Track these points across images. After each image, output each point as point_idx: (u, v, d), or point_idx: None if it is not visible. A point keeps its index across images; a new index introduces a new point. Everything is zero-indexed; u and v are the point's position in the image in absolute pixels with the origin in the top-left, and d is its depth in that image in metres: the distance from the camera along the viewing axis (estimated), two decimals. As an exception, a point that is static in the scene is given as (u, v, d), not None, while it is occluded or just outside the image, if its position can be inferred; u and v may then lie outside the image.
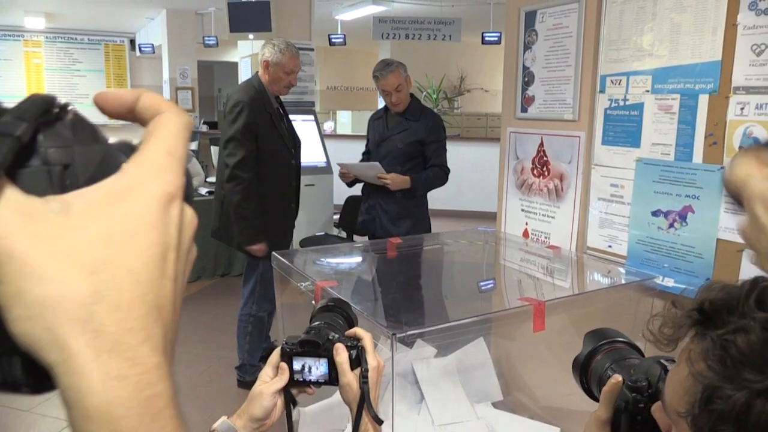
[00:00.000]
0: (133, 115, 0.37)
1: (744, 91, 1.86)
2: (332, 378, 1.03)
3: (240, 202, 3.20)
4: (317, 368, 1.03)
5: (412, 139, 3.46)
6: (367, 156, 3.73)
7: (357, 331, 1.08)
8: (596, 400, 0.93)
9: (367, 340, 1.06)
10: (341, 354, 1.02)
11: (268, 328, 3.73)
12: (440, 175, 3.51)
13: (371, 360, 1.04)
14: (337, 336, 1.05)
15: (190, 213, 0.35)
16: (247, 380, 3.61)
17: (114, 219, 0.31)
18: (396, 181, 3.38)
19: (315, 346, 1.02)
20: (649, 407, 0.80)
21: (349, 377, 1.02)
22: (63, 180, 0.31)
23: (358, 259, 3.01)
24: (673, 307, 0.70)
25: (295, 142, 3.52)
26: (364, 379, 1.02)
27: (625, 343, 0.99)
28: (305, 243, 4.93)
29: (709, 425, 0.60)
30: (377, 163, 3.42)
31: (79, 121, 0.33)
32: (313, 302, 1.93)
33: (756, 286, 0.63)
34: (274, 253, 2.32)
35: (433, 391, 2.25)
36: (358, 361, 1.03)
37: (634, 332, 1.07)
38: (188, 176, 0.36)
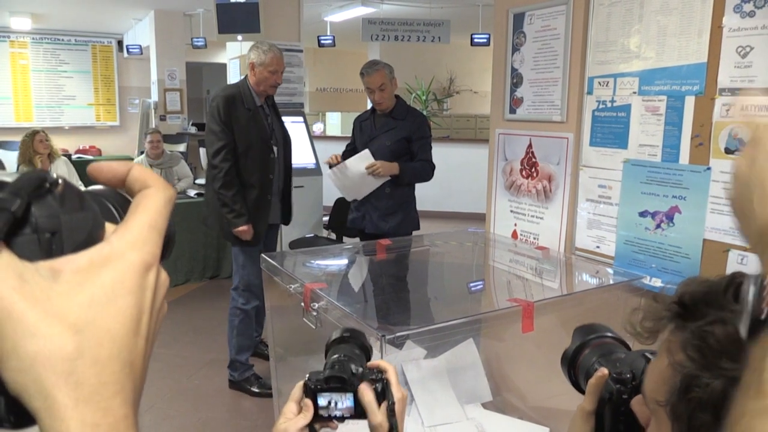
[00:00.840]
0: (124, 185, 0.42)
1: (729, 92, 1.88)
2: (358, 412, 1.03)
3: (220, 188, 3.40)
4: (343, 403, 1.03)
5: (399, 137, 3.58)
6: (350, 155, 3.76)
7: (381, 363, 1.08)
8: (583, 393, 0.95)
9: (391, 372, 1.06)
10: (368, 395, 1.02)
11: (260, 325, 3.76)
12: (427, 168, 3.63)
13: (396, 392, 1.04)
14: (360, 370, 1.05)
15: (164, 276, 0.40)
16: (236, 379, 3.67)
17: (96, 285, 0.35)
18: (385, 166, 3.48)
19: (341, 381, 1.02)
20: (632, 398, 0.81)
21: (380, 418, 1.02)
22: (50, 245, 0.36)
23: (348, 260, 3.01)
24: (654, 301, 0.72)
25: (285, 141, 3.68)
26: (391, 413, 1.02)
27: (614, 338, 1.00)
28: (294, 245, 4.92)
29: (687, 413, 0.62)
30: (366, 151, 3.51)
31: (68, 192, 0.38)
32: (302, 304, 1.93)
33: (734, 281, 0.66)
34: (263, 255, 2.31)
35: (422, 393, 2.26)
36: (383, 394, 1.03)
37: (622, 332, 1.08)
38: (171, 236, 0.41)
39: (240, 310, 3.60)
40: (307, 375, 1.04)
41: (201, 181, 7.57)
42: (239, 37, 6.32)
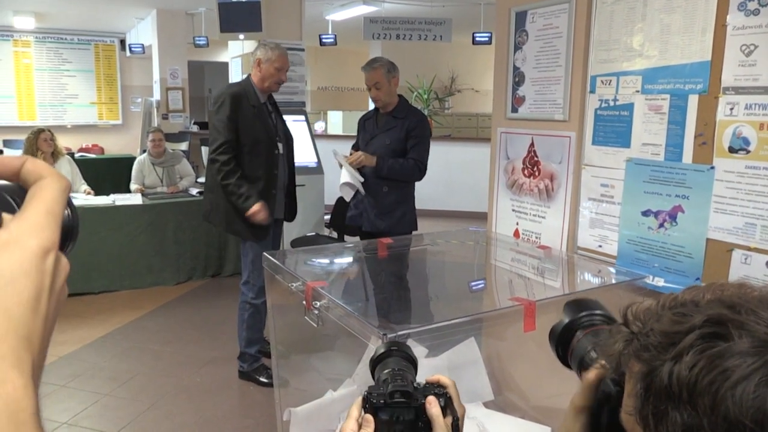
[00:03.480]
0: (18, 178, 0.44)
1: (733, 91, 1.86)
2: (419, 427, 1.01)
3: (223, 179, 3.46)
4: (404, 417, 1.00)
5: (399, 135, 3.61)
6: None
7: (441, 378, 1.06)
8: (571, 368, 0.96)
9: (452, 388, 1.04)
10: (435, 407, 0.99)
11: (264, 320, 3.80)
12: (413, 167, 3.61)
13: (458, 408, 1.02)
14: (421, 384, 1.03)
15: (64, 261, 0.43)
16: (246, 370, 3.75)
17: None
18: (364, 157, 3.53)
19: (406, 395, 0.99)
20: None
21: None
22: None
23: (349, 259, 3.00)
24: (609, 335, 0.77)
25: (286, 138, 3.74)
26: (455, 428, 1.00)
27: (605, 317, 1.00)
28: (296, 243, 4.91)
29: (651, 410, 0.65)
30: (339, 154, 3.63)
31: None
32: (304, 303, 1.91)
33: (672, 297, 0.71)
34: (264, 253, 2.30)
35: (424, 392, 2.24)
36: (446, 409, 1.01)
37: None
38: (74, 224, 0.45)
39: (249, 304, 3.66)
40: (366, 391, 1.01)
41: (203, 179, 7.55)
42: (241, 36, 6.31)
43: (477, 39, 8.04)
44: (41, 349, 0.40)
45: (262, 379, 3.68)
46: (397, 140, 3.58)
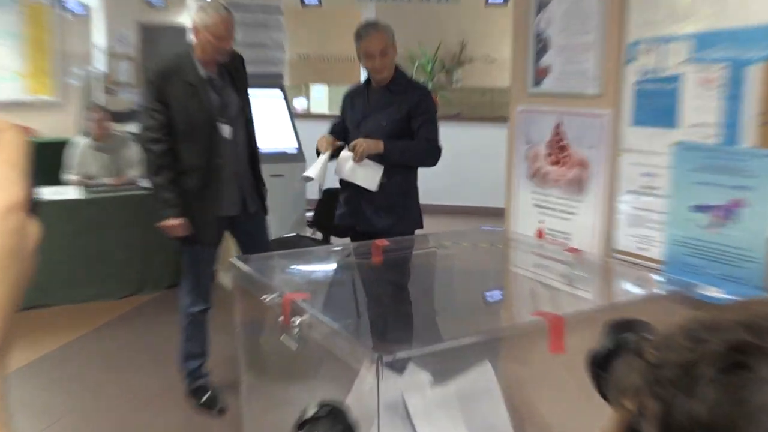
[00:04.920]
0: None
1: (804, 59, 1.87)
2: None
3: (149, 174, 3.59)
4: None
5: (398, 115, 3.57)
6: (339, 133, 3.73)
7: None
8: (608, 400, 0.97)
9: None
10: None
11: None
12: (426, 148, 3.61)
13: None
14: None
15: (33, 224, 0.45)
16: (187, 388, 3.80)
17: None
18: (367, 144, 3.46)
19: None
20: None
21: None
22: None
23: (337, 265, 3.01)
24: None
25: (245, 119, 3.73)
26: None
27: None
28: (272, 246, 4.91)
29: None
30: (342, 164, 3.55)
31: None
32: (281, 319, 1.92)
33: (694, 319, 0.72)
34: (231, 260, 2.30)
35: (428, 428, 2.25)
36: None
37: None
38: (36, 202, 0.45)
39: (187, 313, 3.75)
40: None
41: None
42: (204, -7, 6.29)
43: (492, -3, 8.04)
44: (4, 322, 0.42)
45: (201, 401, 3.77)
46: (395, 121, 3.56)
